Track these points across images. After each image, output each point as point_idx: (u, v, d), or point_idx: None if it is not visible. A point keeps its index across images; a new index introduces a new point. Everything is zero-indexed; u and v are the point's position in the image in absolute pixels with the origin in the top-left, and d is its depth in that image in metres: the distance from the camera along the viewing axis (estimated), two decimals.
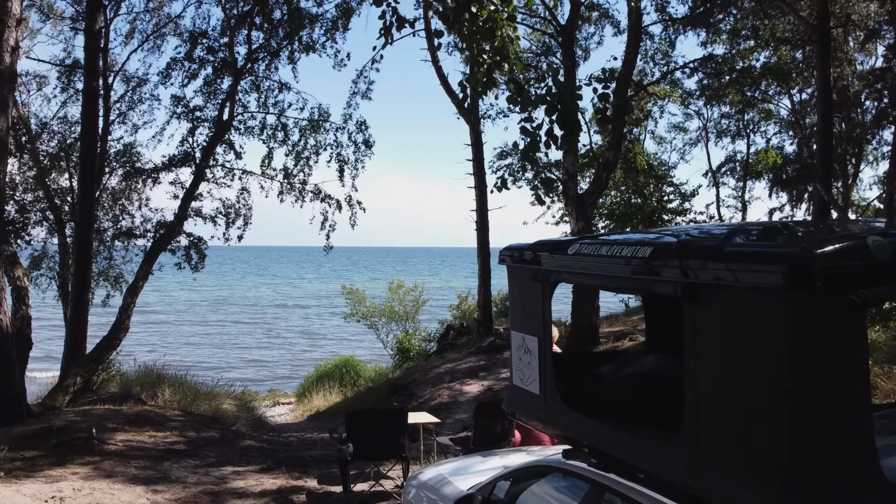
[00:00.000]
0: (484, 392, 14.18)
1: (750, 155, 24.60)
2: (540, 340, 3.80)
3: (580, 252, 3.45)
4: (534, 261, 3.79)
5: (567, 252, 3.53)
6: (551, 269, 3.66)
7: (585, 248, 3.42)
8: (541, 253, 3.76)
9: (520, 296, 4.07)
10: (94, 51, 13.12)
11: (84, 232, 13.11)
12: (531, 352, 3.90)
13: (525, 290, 3.95)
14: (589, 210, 14.27)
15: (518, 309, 4.10)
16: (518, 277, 4.06)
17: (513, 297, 4.19)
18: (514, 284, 4.14)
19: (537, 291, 3.77)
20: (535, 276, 3.76)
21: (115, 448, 8.65)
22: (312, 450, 10.81)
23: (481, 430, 7.13)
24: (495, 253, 18.86)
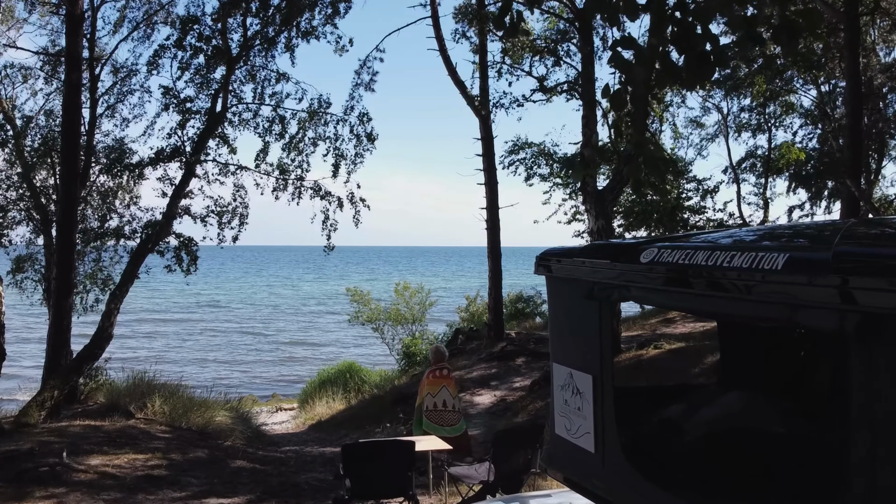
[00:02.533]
0: (496, 403, 13.19)
1: (772, 150, 23.48)
2: (597, 379, 2.79)
3: (660, 261, 2.43)
4: (589, 272, 2.78)
5: (640, 260, 2.52)
6: (615, 284, 2.65)
7: (670, 254, 2.41)
8: (599, 261, 2.75)
9: (566, 317, 3.05)
10: (76, 36, 12.16)
11: (66, 232, 12.16)
12: (582, 394, 2.89)
13: (574, 310, 2.94)
14: (609, 207, 13.23)
15: (563, 335, 3.08)
16: (563, 293, 3.04)
17: (555, 318, 3.17)
18: (557, 302, 3.13)
19: (593, 313, 2.77)
20: (591, 292, 2.75)
21: (86, 477, 7.67)
22: (310, 471, 9.82)
23: (501, 461, 6.12)
24: (507, 253, 17.85)
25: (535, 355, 16.07)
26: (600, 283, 2.71)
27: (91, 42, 14.35)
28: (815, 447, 2.05)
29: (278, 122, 14.12)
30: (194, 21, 13.13)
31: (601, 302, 2.73)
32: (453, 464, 6.70)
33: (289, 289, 79.76)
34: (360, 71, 15.89)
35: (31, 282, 16.18)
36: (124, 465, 8.43)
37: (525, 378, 14.53)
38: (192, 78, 13.27)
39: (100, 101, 14.97)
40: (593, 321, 2.77)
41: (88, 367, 11.99)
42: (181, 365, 28.50)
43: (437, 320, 27.03)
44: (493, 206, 17.34)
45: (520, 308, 23.28)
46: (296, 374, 31.07)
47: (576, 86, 13.22)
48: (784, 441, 2.53)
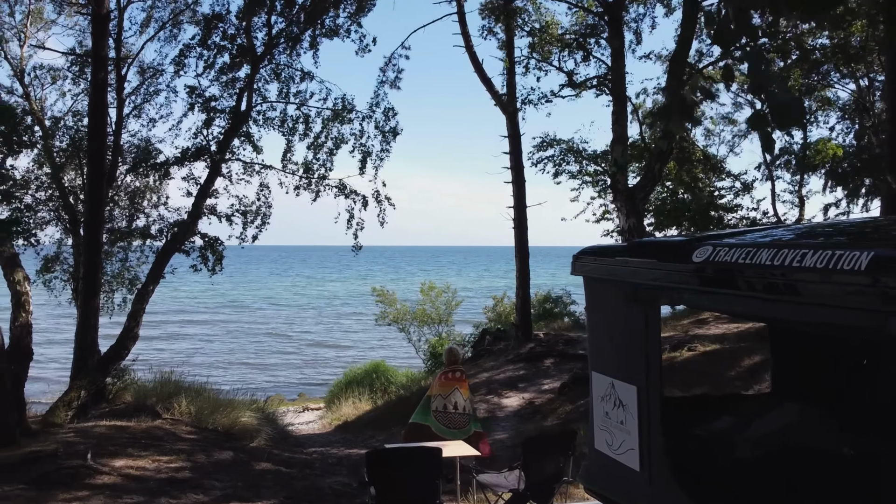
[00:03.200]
0: (525, 406, 12.90)
1: (807, 146, 22.78)
2: (642, 391, 2.53)
3: (716, 260, 2.17)
4: (632, 272, 2.53)
5: (692, 260, 2.26)
6: (662, 286, 2.40)
7: (728, 253, 2.14)
8: (644, 260, 2.49)
9: (606, 322, 2.80)
10: (102, 36, 12.16)
11: (93, 232, 12.15)
12: (626, 406, 2.63)
13: (616, 314, 2.68)
14: (640, 205, 12.87)
15: (602, 341, 2.83)
16: (603, 296, 2.79)
17: (594, 323, 2.91)
18: (596, 305, 2.87)
19: (637, 318, 2.51)
20: (635, 294, 2.49)
21: (109, 479, 7.58)
22: (335, 475, 9.65)
23: (532, 469, 5.86)
24: (534, 252, 17.54)
25: (564, 357, 15.74)
26: (645, 284, 2.45)
27: (118, 42, 14.37)
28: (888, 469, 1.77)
29: (302, 120, 14.00)
30: (219, 19, 13.06)
31: (646, 305, 2.47)
32: (482, 471, 6.45)
33: (313, 289, 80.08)
34: (385, 68, 15.73)
35: (59, 281, 16.29)
36: (148, 468, 8.34)
37: (554, 380, 14.22)
38: (217, 77, 13.21)
39: (126, 101, 14.99)
40: (637, 327, 2.52)
41: (114, 368, 11.97)
42: (207, 366, 28.63)
43: (462, 321, 26.75)
44: (520, 204, 17.04)
45: (548, 308, 22.91)
46: (322, 375, 31.08)
47: (605, 81, 12.87)
48: (854, 462, 2.25)
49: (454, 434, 8.33)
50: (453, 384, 8.58)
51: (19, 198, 13.48)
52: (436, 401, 8.55)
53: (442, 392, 8.56)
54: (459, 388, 8.58)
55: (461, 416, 8.50)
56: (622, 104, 12.92)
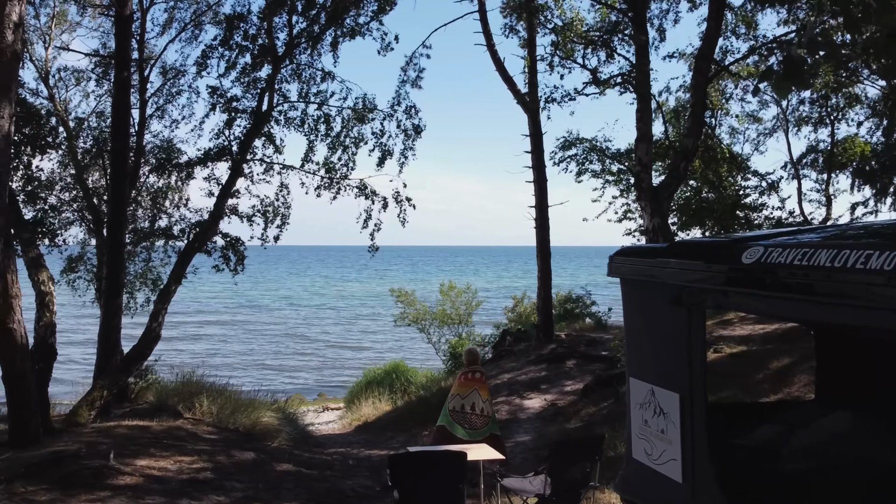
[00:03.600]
0: (547, 407, 12.75)
1: (834, 144, 22.32)
2: (685, 399, 2.40)
3: (770, 261, 2.03)
4: (675, 274, 2.40)
5: (741, 261, 2.12)
6: (709, 289, 2.26)
7: (782, 254, 2.00)
8: (688, 262, 2.36)
9: (646, 326, 2.67)
10: (125, 37, 12.20)
11: (116, 232, 12.19)
12: (667, 415, 2.50)
13: (657, 318, 2.55)
14: (665, 204, 12.66)
15: (642, 346, 2.70)
16: (643, 298, 2.66)
17: (633, 327, 2.78)
18: (634, 309, 2.74)
19: (680, 322, 2.39)
20: (679, 297, 2.36)
21: (131, 480, 7.57)
22: (356, 477, 9.58)
23: (558, 474, 5.73)
24: (555, 252, 17.35)
25: (587, 358, 15.56)
26: (690, 287, 2.32)
27: (140, 43, 14.44)
28: None
29: (323, 120, 13.96)
30: (240, 19, 13.06)
31: (690, 309, 2.34)
32: (506, 475, 6.33)
33: (331, 289, 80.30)
34: (406, 68, 15.66)
35: (83, 281, 16.42)
36: (170, 468, 8.32)
37: (576, 382, 14.04)
38: (239, 77, 13.21)
39: (149, 102, 15.06)
40: (681, 331, 2.39)
41: (136, 368, 12.00)
42: (226, 366, 28.75)
43: (481, 322, 26.61)
44: (542, 204, 16.89)
45: (569, 309, 22.70)
46: (340, 375, 31.10)
47: (630, 78, 12.68)
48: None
49: (470, 435, 8.25)
50: (472, 385, 8.50)
51: (44, 199, 13.60)
52: (453, 400, 8.49)
53: (461, 392, 8.49)
54: (479, 390, 8.50)
55: (478, 417, 8.41)
56: (647, 102, 12.72)
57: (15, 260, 9.27)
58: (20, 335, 8.98)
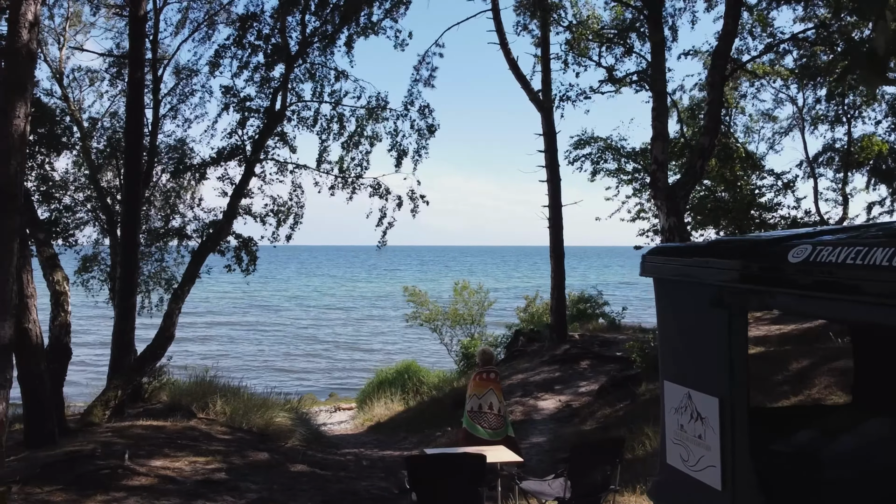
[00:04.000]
0: (562, 409, 12.64)
1: (851, 143, 22.05)
2: (725, 403, 2.32)
3: (820, 260, 1.94)
4: (715, 274, 2.31)
5: (787, 260, 2.03)
6: (752, 289, 2.17)
7: (832, 253, 1.91)
8: (729, 261, 2.27)
9: (682, 328, 2.58)
10: (139, 37, 12.21)
11: (129, 232, 12.20)
12: (705, 420, 2.41)
13: (695, 319, 2.46)
14: (681, 203, 12.51)
15: (677, 348, 2.61)
16: (678, 299, 2.57)
17: (667, 329, 2.69)
18: (669, 309, 2.65)
19: (721, 323, 2.30)
20: (720, 298, 2.27)
21: (146, 480, 7.54)
22: (370, 478, 9.52)
23: (578, 477, 5.64)
24: (570, 252, 17.17)
25: (601, 359, 15.43)
26: (731, 287, 2.23)
27: (154, 44, 14.45)
28: None
29: (337, 119, 13.91)
30: (254, 18, 13.04)
31: (732, 310, 2.25)
32: (525, 477, 6.24)
33: (341, 289, 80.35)
34: (418, 67, 15.58)
35: (97, 281, 16.46)
36: (184, 469, 8.29)
37: (591, 382, 13.93)
38: (252, 77, 13.18)
39: (162, 102, 15.08)
40: (721, 333, 2.30)
41: (150, 368, 12.00)
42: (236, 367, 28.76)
43: (492, 321, 26.44)
44: (555, 203, 16.78)
45: (581, 309, 22.55)
46: (351, 375, 31.08)
47: (646, 76, 12.55)
48: None
49: (488, 434, 8.21)
50: (488, 385, 8.46)
51: (59, 199, 13.63)
52: (471, 401, 8.44)
53: (477, 392, 8.43)
54: (494, 390, 8.47)
55: (496, 416, 8.37)
56: (663, 100, 12.59)
57: (31, 260, 9.28)
58: (36, 335, 9.00)
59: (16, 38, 7.36)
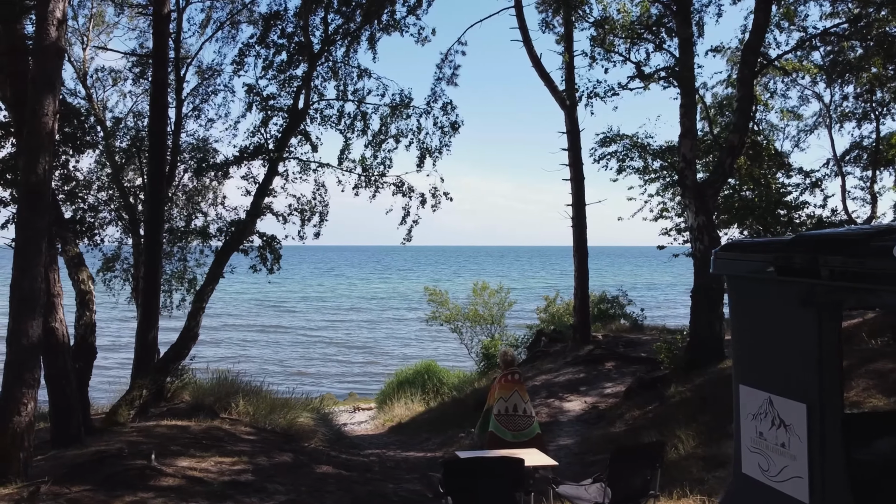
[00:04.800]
0: (588, 410, 12.46)
1: (880, 140, 21.59)
2: (814, 410, 2.15)
3: None
4: (804, 270, 2.15)
5: (893, 255, 1.87)
6: (850, 287, 2.01)
7: None
8: (826, 257, 2.10)
9: (762, 328, 2.41)
10: (163, 36, 12.18)
11: (153, 231, 12.18)
12: (790, 427, 2.25)
13: (778, 319, 2.30)
14: (710, 202, 12.28)
15: (756, 350, 2.45)
16: (758, 298, 2.41)
17: (743, 328, 2.53)
18: (746, 308, 2.49)
19: (810, 324, 2.14)
20: (810, 297, 2.11)
21: (173, 481, 7.46)
22: (397, 480, 9.40)
23: (618, 481, 5.47)
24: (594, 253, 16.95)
25: (626, 360, 15.22)
26: (825, 284, 2.07)
27: (177, 43, 14.45)
28: None
29: (360, 118, 13.81)
30: (277, 17, 12.97)
31: (824, 309, 2.08)
32: (561, 481, 6.08)
33: (356, 289, 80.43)
34: (441, 65, 15.45)
35: (119, 280, 16.50)
36: (211, 469, 8.21)
37: (616, 384, 13.73)
38: (275, 75, 13.11)
39: (185, 102, 15.09)
40: (810, 334, 2.13)
41: (175, 368, 11.96)
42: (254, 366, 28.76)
43: (511, 322, 26.24)
44: (579, 202, 16.58)
45: (603, 309, 22.30)
46: (368, 376, 31.05)
47: (674, 72, 12.33)
48: None
49: (518, 436, 8.16)
50: (513, 387, 8.39)
51: (83, 198, 13.65)
52: (497, 404, 8.34)
53: (503, 395, 8.35)
54: (519, 391, 8.42)
55: (523, 418, 8.31)
56: (691, 97, 12.36)
57: (57, 259, 9.26)
58: (62, 334, 8.97)
59: (44, 35, 7.33)
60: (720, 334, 12.23)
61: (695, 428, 9.18)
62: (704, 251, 12.02)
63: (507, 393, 8.34)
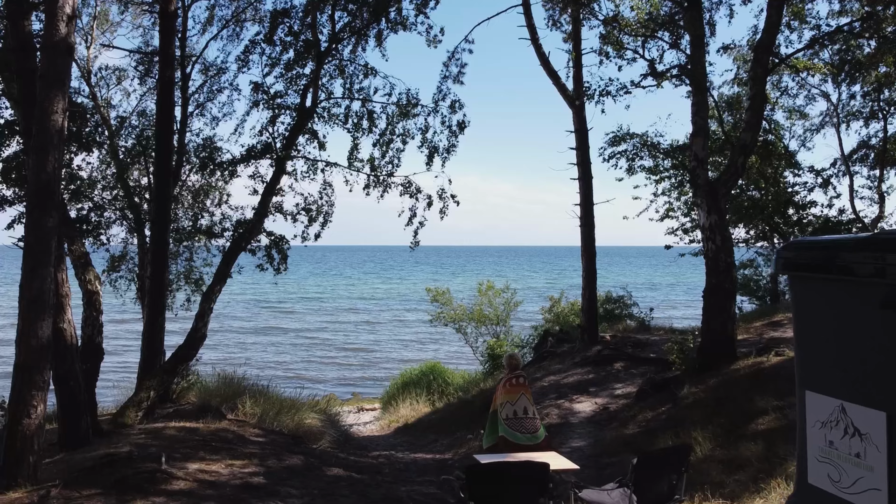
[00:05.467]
0: (599, 412, 12.33)
1: (887, 140, 21.49)
2: (894, 419, 2.04)
3: None
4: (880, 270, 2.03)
5: None
6: None
7: None
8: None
9: (834, 331, 2.29)
10: (169, 34, 12.08)
11: (160, 230, 12.07)
12: (865, 437, 2.13)
13: (853, 322, 2.18)
14: (722, 201, 12.15)
15: (824, 354, 2.32)
16: (829, 299, 2.29)
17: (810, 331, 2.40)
18: (813, 310, 2.38)
19: (891, 328, 2.02)
20: (891, 299, 1.99)
21: (185, 485, 7.34)
22: (409, 483, 9.28)
23: (644, 487, 5.35)
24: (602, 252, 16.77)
25: (635, 360, 15.08)
26: None
27: (182, 41, 14.34)
28: None
29: (367, 117, 13.68)
30: (284, 14, 12.84)
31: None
32: (583, 485, 5.96)
33: (354, 289, 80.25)
34: (448, 63, 15.30)
35: (124, 281, 16.38)
36: (222, 472, 8.09)
37: (626, 385, 13.60)
38: (282, 73, 12.98)
39: (190, 100, 14.96)
40: (892, 338, 2.02)
41: (183, 368, 11.84)
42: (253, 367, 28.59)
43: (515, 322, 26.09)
44: (587, 201, 16.44)
45: (609, 309, 22.17)
46: (369, 376, 30.93)
47: (686, 70, 12.20)
48: None
49: (528, 439, 8.19)
50: (519, 390, 8.42)
51: (89, 196, 13.53)
52: (504, 408, 8.35)
53: (510, 399, 8.37)
54: (525, 394, 8.45)
55: (531, 420, 8.36)
56: (703, 95, 12.23)
57: (65, 259, 9.15)
58: (70, 335, 8.86)
59: (53, 31, 7.21)
60: (733, 335, 12.11)
61: (711, 430, 9.06)
62: (717, 251, 11.91)
63: (514, 396, 8.38)
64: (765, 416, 9.00)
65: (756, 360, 11.46)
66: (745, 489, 6.93)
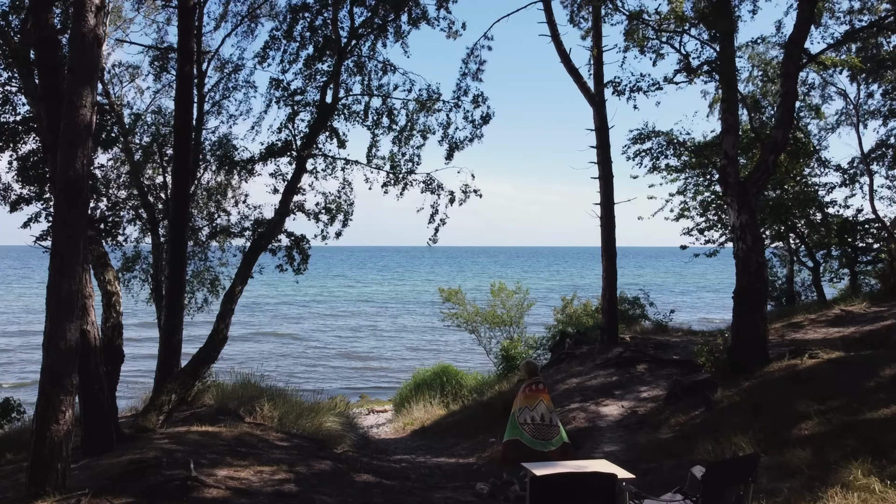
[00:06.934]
0: (627, 415, 12.06)
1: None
2: None
3: None
4: None
5: None
6: None
7: None
8: None
9: None
10: (188, 29, 11.83)
11: (178, 230, 11.81)
12: None
13: None
14: (753, 200, 11.89)
15: None
16: None
17: None
18: None
19: None
20: None
21: (217, 493, 7.07)
22: (441, 489, 9.00)
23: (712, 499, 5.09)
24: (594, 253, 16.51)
25: (658, 362, 14.82)
26: None
27: (197, 38, 14.07)
28: None
29: (387, 113, 13.43)
30: (305, 9, 12.59)
31: None
32: (643, 495, 5.69)
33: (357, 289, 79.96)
34: (467, 60, 15.07)
35: (137, 281, 16.12)
36: (252, 479, 7.83)
37: (651, 387, 13.33)
38: (302, 70, 12.73)
39: (206, 98, 14.71)
40: None
41: (204, 371, 11.58)
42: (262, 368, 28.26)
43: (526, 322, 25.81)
44: (607, 201, 16.19)
45: (624, 310, 21.89)
46: (377, 377, 30.71)
47: (715, 66, 11.95)
48: None
49: (544, 445, 8.46)
50: (538, 396, 8.68)
51: (107, 195, 13.28)
52: (522, 413, 8.62)
53: (528, 404, 8.62)
54: (544, 400, 8.70)
55: (548, 426, 8.60)
56: (733, 91, 11.97)
57: (88, 258, 8.89)
58: (94, 337, 8.61)
59: (82, 22, 6.96)
60: (765, 336, 11.87)
61: (752, 435, 8.79)
62: (748, 251, 11.65)
63: (533, 402, 8.61)
64: (808, 420, 8.73)
65: (790, 363, 11.19)
66: (801, 497, 6.66)
